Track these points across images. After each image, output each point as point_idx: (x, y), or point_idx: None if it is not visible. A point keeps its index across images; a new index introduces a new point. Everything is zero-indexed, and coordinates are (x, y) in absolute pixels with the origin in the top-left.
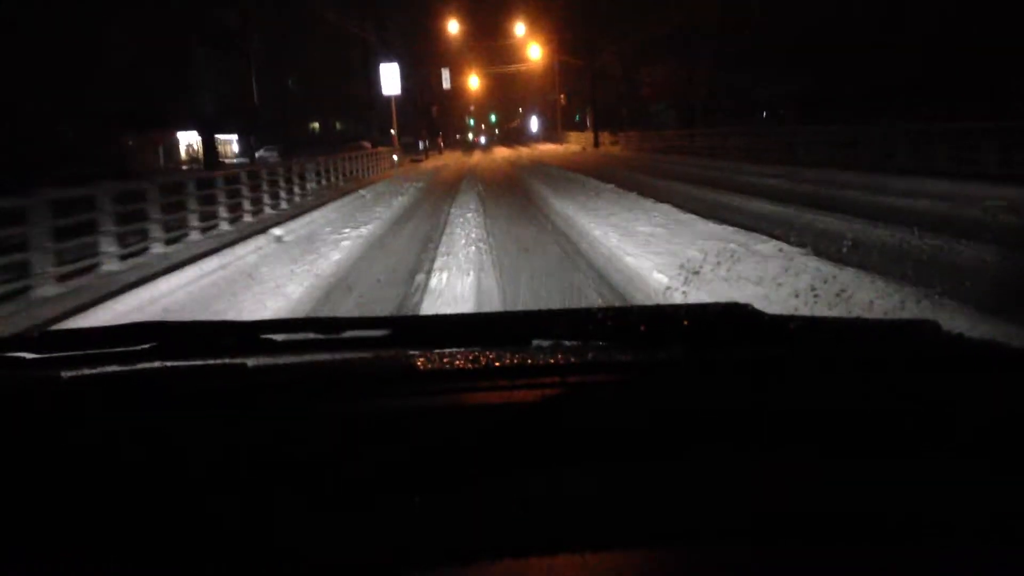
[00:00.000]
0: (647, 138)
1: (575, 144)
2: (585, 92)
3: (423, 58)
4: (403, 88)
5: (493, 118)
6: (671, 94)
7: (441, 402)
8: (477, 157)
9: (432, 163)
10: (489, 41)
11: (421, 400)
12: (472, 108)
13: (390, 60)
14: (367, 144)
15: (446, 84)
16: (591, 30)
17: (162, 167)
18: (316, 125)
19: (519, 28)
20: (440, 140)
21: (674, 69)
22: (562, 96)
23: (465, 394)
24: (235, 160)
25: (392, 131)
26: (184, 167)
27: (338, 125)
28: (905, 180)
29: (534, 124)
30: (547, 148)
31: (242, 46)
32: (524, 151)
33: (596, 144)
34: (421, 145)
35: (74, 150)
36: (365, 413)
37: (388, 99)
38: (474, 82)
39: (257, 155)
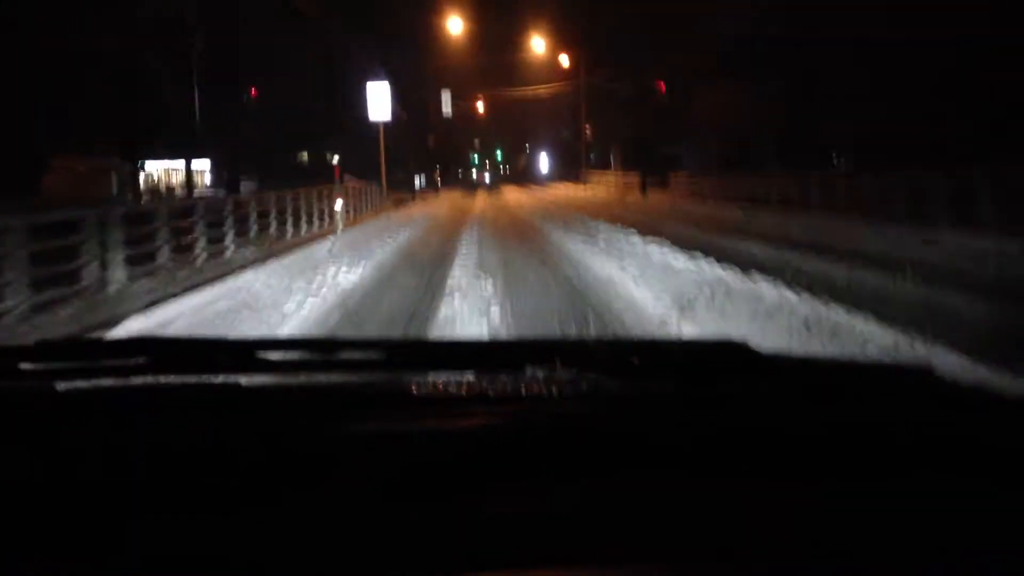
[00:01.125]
0: (714, 184)
1: (601, 188)
2: (611, 124)
3: (423, 80)
4: (398, 114)
5: (499, 154)
6: (726, 128)
7: (433, 426)
8: (481, 202)
9: (420, 208)
10: (499, 59)
11: (413, 423)
12: (477, 142)
13: (380, 79)
14: (350, 179)
15: (446, 110)
16: (630, 46)
17: (115, 197)
18: (305, 155)
19: (536, 44)
20: (437, 176)
21: (732, 95)
22: (587, 127)
23: (457, 419)
24: (206, 191)
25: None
26: (143, 198)
27: (329, 156)
28: None
29: (544, 162)
30: (568, 193)
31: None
32: (541, 195)
33: (643, 190)
34: (418, 182)
35: None
36: (356, 434)
37: (386, 125)
38: (479, 109)
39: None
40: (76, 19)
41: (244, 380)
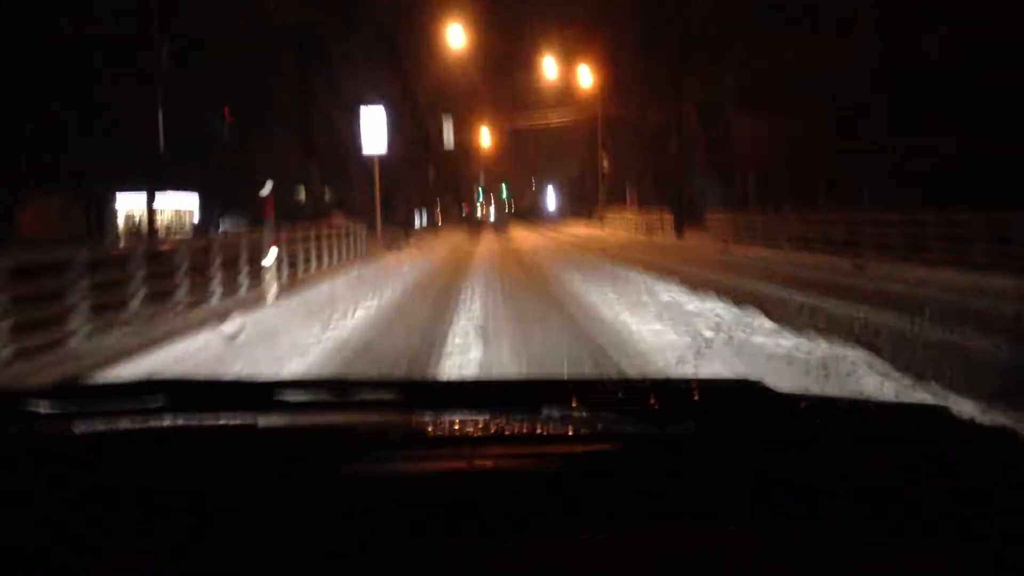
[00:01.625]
0: (770, 222)
1: (621, 226)
2: (628, 156)
3: (425, 107)
4: (397, 144)
5: (504, 191)
6: (767, 160)
7: (449, 466)
8: (488, 245)
9: (411, 256)
10: (507, 84)
11: (430, 464)
12: (482, 176)
13: (375, 103)
14: (338, 218)
15: (448, 140)
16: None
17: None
18: (302, 190)
19: (548, 67)
20: (438, 213)
21: (775, 124)
22: (604, 159)
23: (473, 459)
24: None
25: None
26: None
27: (331, 192)
28: None
29: (551, 198)
30: (587, 233)
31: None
32: (554, 235)
33: (679, 230)
34: (418, 220)
35: None
36: (374, 475)
37: (382, 158)
38: (484, 139)
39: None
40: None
41: (261, 421)
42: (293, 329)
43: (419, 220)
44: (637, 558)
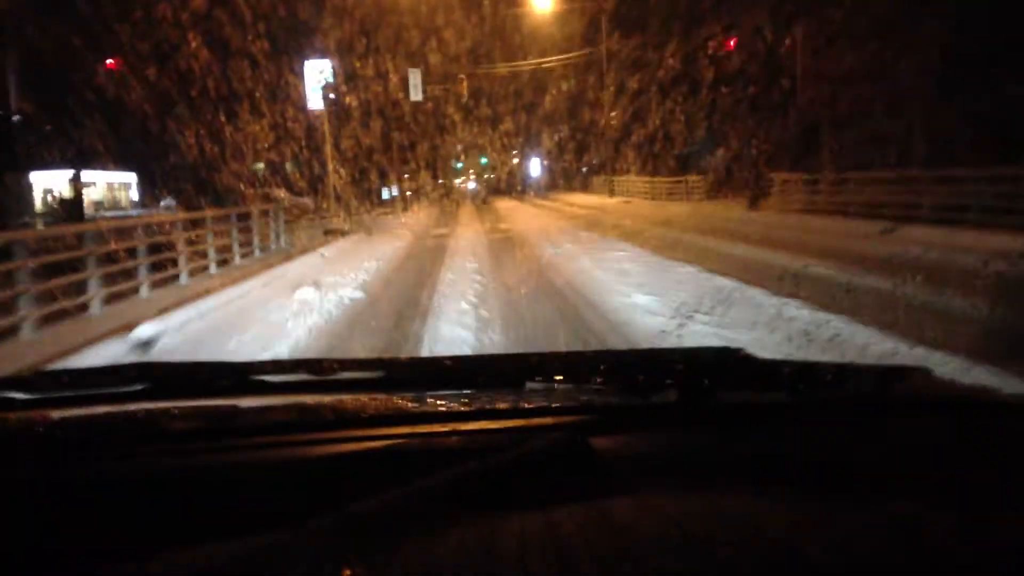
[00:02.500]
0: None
1: (641, 199)
2: (639, 112)
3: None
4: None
5: (484, 160)
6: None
7: (432, 443)
8: (471, 227)
9: (347, 255)
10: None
11: (413, 441)
12: (460, 148)
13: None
14: (279, 194)
15: (415, 94)
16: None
17: None
18: (261, 165)
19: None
20: (404, 187)
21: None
22: (611, 114)
23: (457, 436)
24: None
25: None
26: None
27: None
28: None
29: (535, 167)
30: (600, 204)
31: None
32: (562, 210)
33: (754, 201)
34: (386, 193)
35: None
36: (356, 454)
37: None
38: (463, 92)
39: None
40: None
41: (242, 403)
42: None
43: (389, 193)
44: (621, 529)
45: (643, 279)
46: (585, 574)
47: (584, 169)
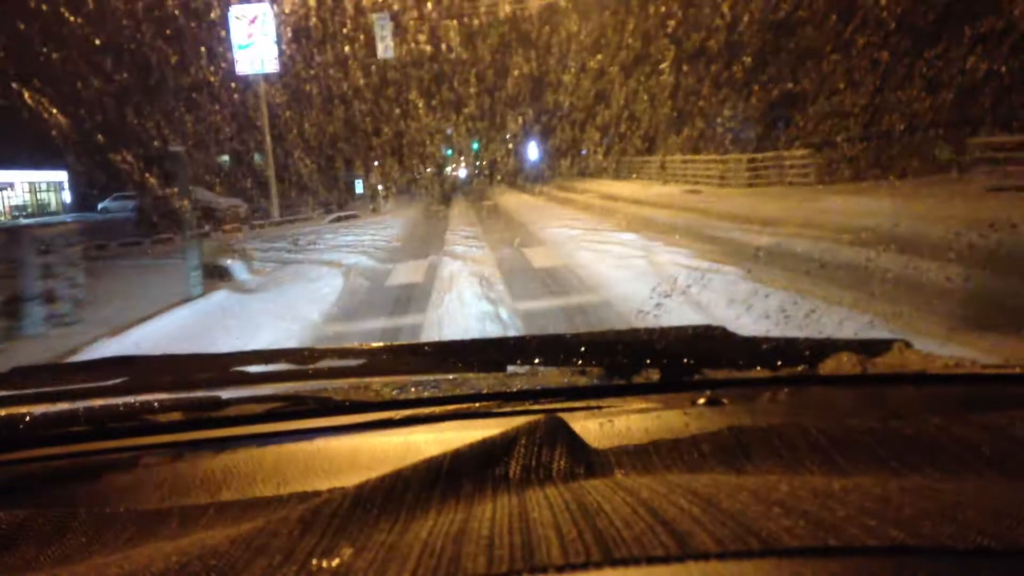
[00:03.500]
0: None
1: (706, 188)
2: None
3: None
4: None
5: (475, 145)
6: None
7: (414, 429)
8: (468, 265)
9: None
10: None
11: (393, 427)
12: (451, 132)
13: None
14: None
15: (386, 49)
16: None
17: None
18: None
19: None
20: (375, 179)
21: None
22: (662, 68)
23: (440, 420)
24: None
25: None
26: None
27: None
28: None
29: (534, 151)
30: (652, 194)
31: None
32: (625, 208)
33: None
34: (361, 186)
35: None
36: (335, 441)
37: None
38: (446, 49)
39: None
40: None
41: (222, 394)
42: None
43: (363, 187)
44: (591, 512)
45: None
46: (548, 558)
47: (585, 152)
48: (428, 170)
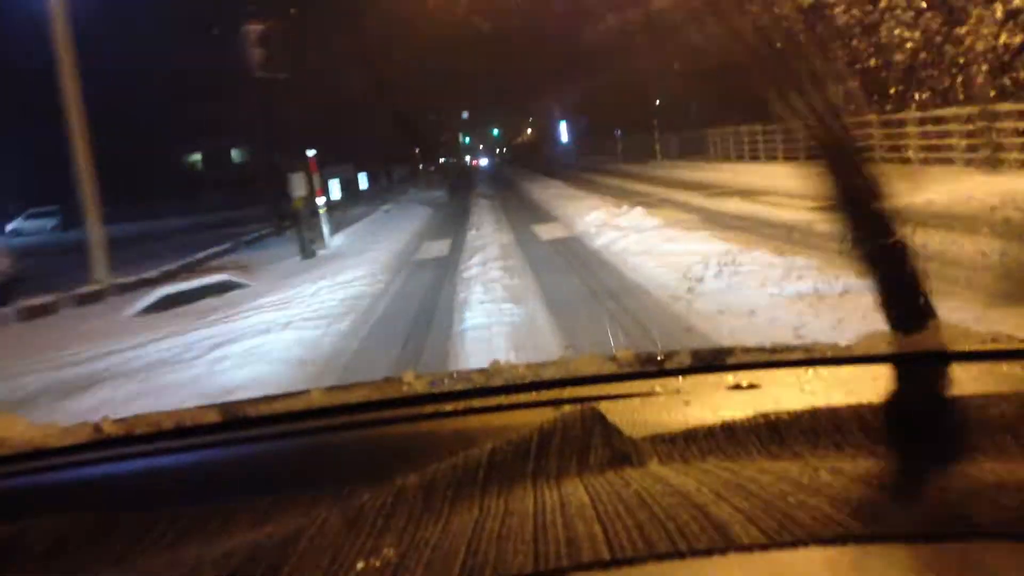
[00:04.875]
0: None
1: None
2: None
3: None
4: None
5: (496, 132)
6: None
7: (447, 423)
8: None
9: None
10: None
11: (427, 419)
12: (467, 116)
13: None
14: None
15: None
16: None
17: None
18: (198, 157)
19: None
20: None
21: None
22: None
23: (474, 413)
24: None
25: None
26: None
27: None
28: None
29: (563, 133)
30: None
31: None
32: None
33: None
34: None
35: None
36: (366, 438)
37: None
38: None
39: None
40: None
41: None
42: None
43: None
44: (630, 505)
45: None
46: (593, 554)
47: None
48: (443, 159)
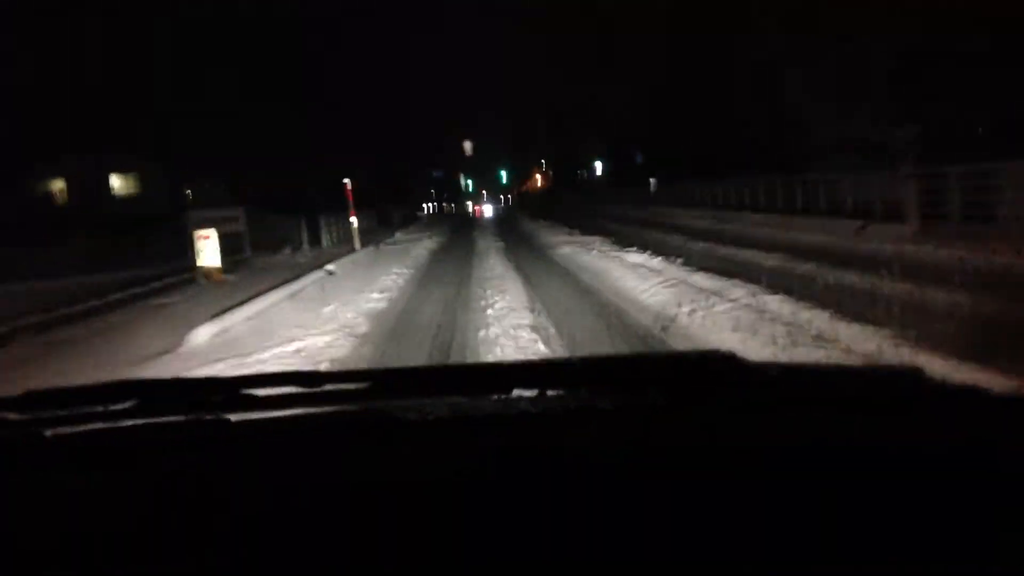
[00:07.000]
0: None
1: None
2: None
3: None
4: None
5: (503, 175)
6: None
7: (423, 452)
8: None
9: None
10: None
11: (403, 450)
12: (469, 153)
13: None
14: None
15: None
16: None
17: None
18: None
19: None
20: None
21: None
22: None
23: (446, 444)
24: None
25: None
26: None
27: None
28: None
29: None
30: None
31: None
32: None
33: None
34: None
35: None
36: (346, 464)
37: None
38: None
39: None
40: None
41: (232, 417)
42: None
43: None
44: (612, 531)
45: None
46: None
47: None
48: (444, 205)
